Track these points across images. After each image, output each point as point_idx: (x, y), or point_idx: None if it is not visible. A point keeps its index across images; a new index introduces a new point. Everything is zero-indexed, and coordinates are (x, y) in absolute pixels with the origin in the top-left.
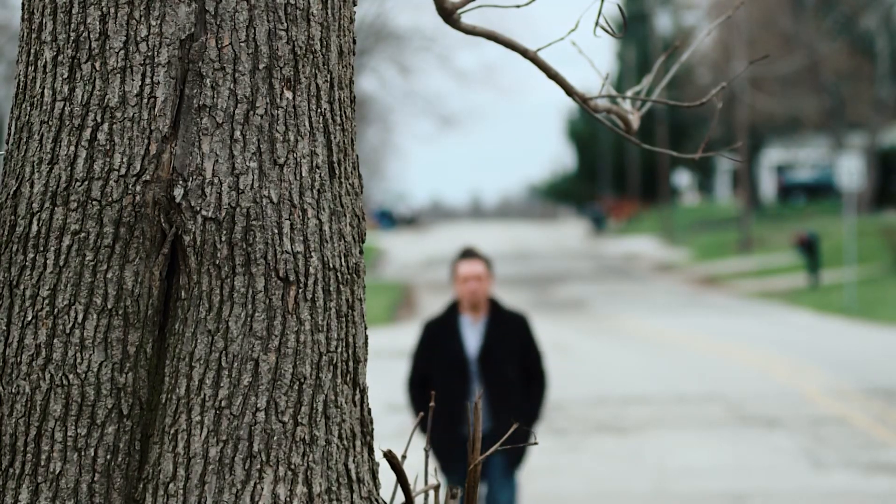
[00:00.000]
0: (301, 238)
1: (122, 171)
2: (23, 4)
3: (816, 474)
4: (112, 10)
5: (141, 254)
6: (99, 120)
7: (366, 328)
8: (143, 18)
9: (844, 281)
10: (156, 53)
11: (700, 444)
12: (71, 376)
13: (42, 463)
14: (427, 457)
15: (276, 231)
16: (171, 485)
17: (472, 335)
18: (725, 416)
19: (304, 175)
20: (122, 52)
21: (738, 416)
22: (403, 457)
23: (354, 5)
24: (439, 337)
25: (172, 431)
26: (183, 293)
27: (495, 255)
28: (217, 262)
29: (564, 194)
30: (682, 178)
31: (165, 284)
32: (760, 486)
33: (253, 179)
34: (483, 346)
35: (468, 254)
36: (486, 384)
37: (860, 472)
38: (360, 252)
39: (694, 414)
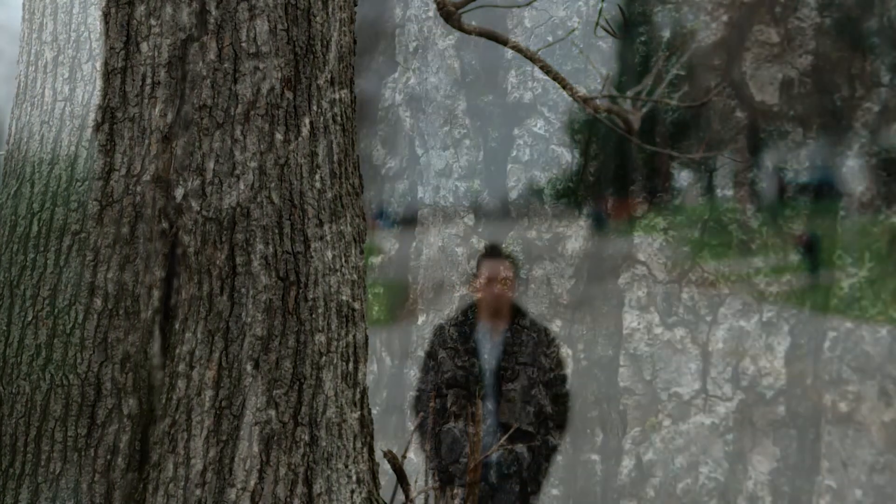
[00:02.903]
0: (301, 238)
1: (123, 171)
2: (24, 5)
3: (818, 474)
4: (113, 10)
5: (141, 254)
6: (99, 120)
7: (366, 328)
8: (144, 18)
9: (845, 281)
10: (157, 54)
11: (701, 444)
12: (71, 376)
13: (42, 463)
14: (427, 456)
15: (276, 231)
16: (171, 485)
17: (489, 347)
18: (726, 416)
19: (304, 175)
20: (123, 52)
21: (739, 415)
22: (403, 457)
23: (355, 5)
24: (452, 344)
25: (172, 432)
26: (183, 293)
27: None
28: (217, 262)
29: (564, 194)
30: (683, 179)
31: (166, 285)
32: (761, 487)
33: (253, 180)
34: (499, 360)
35: (493, 251)
36: (499, 404)
37: (861, 471)
38: (361, 252)
39: (695, 414)
